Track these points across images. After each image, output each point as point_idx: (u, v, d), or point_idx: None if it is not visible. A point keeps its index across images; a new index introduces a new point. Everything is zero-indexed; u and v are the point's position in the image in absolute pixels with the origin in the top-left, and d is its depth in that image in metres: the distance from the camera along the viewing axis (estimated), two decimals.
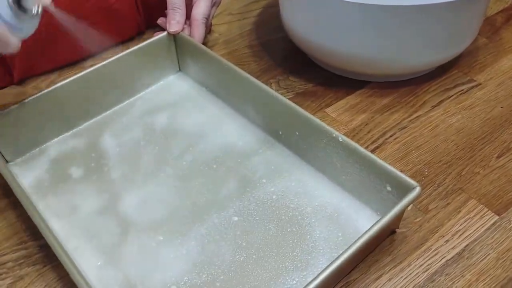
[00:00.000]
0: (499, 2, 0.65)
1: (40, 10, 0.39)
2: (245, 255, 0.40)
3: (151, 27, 0.64)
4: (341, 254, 0.34)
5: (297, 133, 0.45)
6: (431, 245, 0.40)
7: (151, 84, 0.56)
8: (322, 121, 0.50)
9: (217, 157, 0.47)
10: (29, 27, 0.41)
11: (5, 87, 0.57)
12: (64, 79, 0.49)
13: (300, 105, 0.52)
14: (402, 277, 0.38)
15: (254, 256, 0.40)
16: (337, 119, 0.51)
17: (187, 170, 0.47)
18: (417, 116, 0.50)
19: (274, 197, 0.44)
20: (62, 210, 0.44)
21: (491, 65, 0.56)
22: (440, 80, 0.54)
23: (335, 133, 0.41)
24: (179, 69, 0.57)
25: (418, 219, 0.42)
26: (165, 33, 0.54)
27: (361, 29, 0.48)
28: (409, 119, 0.50)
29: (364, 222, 0.40)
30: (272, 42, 0.62)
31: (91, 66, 0.51)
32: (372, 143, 0.48)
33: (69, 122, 0.51)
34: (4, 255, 0.42)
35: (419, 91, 0.53)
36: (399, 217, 0.39)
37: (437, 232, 0.41)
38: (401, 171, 0.45)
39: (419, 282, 0.38)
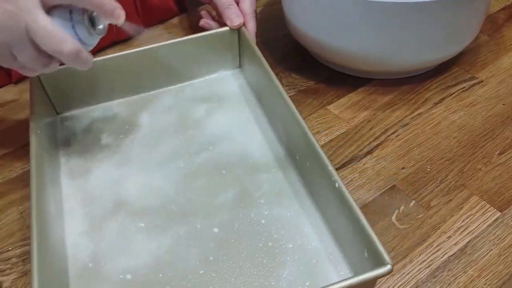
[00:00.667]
0: (501, 0, 0.65)
1: (107, 26, 0.41)
2: (206, 270, 0.39)
3: (150, 27, 0.64)
4: None
5: (308, 164, 0.43)
6: (433, 241, 0.40)
7: (205, 74, 0.56)
8: (324, 118, 0.51)
9: (229, 162, 0.47)
10: (95, 42, 0.42)
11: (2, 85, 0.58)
12: (121, 51, 0.51)
13: (302, 102, 0.53)
14: (404, 273, 0.38)
15: (213, 274, 0.39)
16: (339, 116, 0.51)
17: (196, 168, 0.47)
18: (419, 113, 0.51)
19: (263, 221, 0.42)
20: (77, 171, 0.47)
21: (493, 63, 0.56)
22: (442, 77, 0.54)
23: (335, 176, 0.38)
24: (239, 66, 0.57)
25: (420, 216, 0.42)
26: (226, 28, 0.54)
27: (363, 26, 0.48)
28: (411, 116, 0.50)
29: (337, 278, 0.38)
30: (274, 40, 0.62)
31: (148, 44, 0.52)
32: (374, 140, 0.48)
33: (118, 91, 0.53)
34: (8, 251, 0.42)
35: (421, 88, 0.53)
36: (365, 286, 0.35)
37: (439, 228, 0.41)
38: (403, 168, 0.46)
39: (421, 278, 0.38)
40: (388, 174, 0.45)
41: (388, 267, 0.33)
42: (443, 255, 0.39)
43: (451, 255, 0.39)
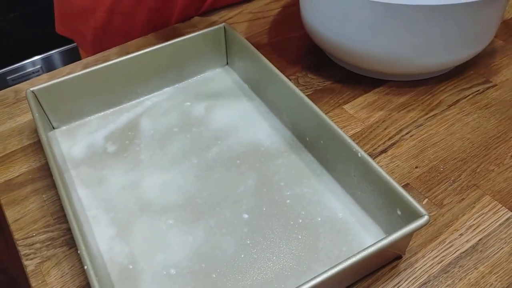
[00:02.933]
0: None
1: None
2: (246, 253, 0.41)
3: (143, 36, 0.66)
4: (333, 267, 0.34)
5: (321, 142, 0.45)
6: (446, 238, 0.41)
7: (196, 74, 0.58)
8: (340, 117, 0.52)
9: (242, 153, 0.49)
10: None
11: None
12: (114, 59, 0.52)
13: (318, 102, 0.54)
14: (417, 267, 0.39)
15: (254, 256, 0.41)
16: (354, 115, 0.52)
17: (211, 162, 0.48)
18: (433, 115, 0.52)
19: (288, 201, 0.44)
20: (91, 180, 0.47)
21: (507, 67, 0.56)
22: (457, 80, 0.55)
23: (356, 147, 0.41)
24: (227, 63, 0.59)
25: (433, 213, 0.43)
26: (217, 26, 0.56)
27: (380, 28, 0.49)
28: (426, 117, 0.51)
29: (371, 241, 0.40)
30: (291, 40, 0.63)
31: (140, 50, 0.53)
32: (389, 139, 0.49)
33: (115, 99, 0.54)
34: (32, 236, 0.43)
35: (436, 90, 0.54)
36: (404, 242, 0.39)
37: (451, 226, 0.42)
38: (417, 167, 0.47)
39: (433, 273, 0.39)
40: (402, 172, 0.46)
41: (426, 217, 0.36)
42: (455, 252, 0.40)
43: (463, 252, 0.40)
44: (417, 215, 0.37)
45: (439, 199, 0.44)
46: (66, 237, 0.43)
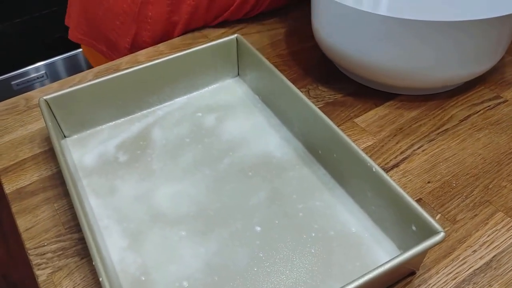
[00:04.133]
0: None
1: None
2: (259, 266, 0.41)
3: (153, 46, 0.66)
4: (349, 284, 0.34)
5: (334, 155, 0.45)
6: (459, 255, 0.41)
7: (207, 85, 0.58)
8: (351, 131, 0.52)
9: (254, 165, 0.49)
10: None
11: None
12: (126, 69, 0.52)
13: (329, 115, 0.54)
14: (430, 284, 0.39)
15: (268, 269, 0.41)
16: (366, 129, 0.52)
17: (223, 173, 0.48)
18: (445, 130, 0.52)
19: (300, 214, 0.44)
20: (102, 190, 0.47)
21: None
22: (467, 95, 0.56)
23: (370, 162, 0.41)
24: (238, 74, 0.59)
25: (446, 229, 0.43)
26: (230, 37, 0.56)
27: (391, 43, 0.49)
28: (437, 132, 0.51)
29: (385, 256, 0.40)
30: (302, 52, 0.63)
31: (152, 60, 0.53)
32: (400, 153, 0.50)
33: (126, 109, 0.54)
34: (44, 246, 0.43)
35: (447, 105, 0.54)
36: (419, 258, 0.39)
37: (464, 242, 0.42)
38: (429, 182, 0.47)
39: None
40: (414, 187, 0.46)
41: (442, 234, 0.36)
42: (469, 268, 0.40)
43: (477, 269, 0.40)
44: (432, 231, 0.37)
45: (452, 214, 0.44)
46: (77, 247, 0.43)
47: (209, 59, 0.56)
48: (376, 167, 0.41)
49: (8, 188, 0.48)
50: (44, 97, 0.49)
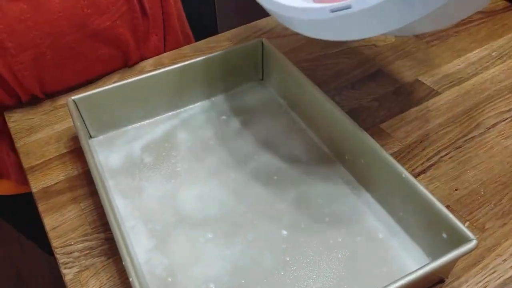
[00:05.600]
0: None
1: None
2: (286, 270, 0.41)
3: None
4: None
5: (362, 161, 0.45)
6: (489, 263, 0.40)
7: (232, 88, 0.58)
8: (377, 136, 0.52)
9: (279, 168, 0.49)
10: None
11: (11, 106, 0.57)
12: (151, 71, 0.52)
13: (355, 120, 0.54)
14: None
15: (294, 273, 0.40)
16: (391, 135, 0.52)
17: (248, 176, 0.48)
18: (472, 137, 0.51)
19: (326, 219, 0.44)
20: (128, 191, 0.47)
21: None
22: (494, 103, 0.55)
23: (400, 168, 0.41)
24: (262, 78, 0.59)
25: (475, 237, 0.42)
26: (255, 40, 0.56)
27: None
28: (464, 139, 0.51)
29: (413, 263, 0.40)
30: (326, 57, 0.63)
31: (177, 63, 0.54)
32: (427, 160, 0.49)
33: (151, 110, 0.54)
34: (71, 245, 0.44)
35: (473, 112, 0.54)
36: (449, 266, 0.39)
37: (494, 251, 0.41)
38: (457, 189, 0.46)
39: None
40: (442, 194, 0.46)
41: (474, 242, 0.36)
42: (499, 278, 0.39)
43: (507, 278, 0.39)
44: (463, 239, 0.36)
45: (481, 222, 0.43)
46: (104, 247, 0.43)
47: (234, 62, 0.56)
48: (406, 173, 0.41)
49: (35, 187, 0.49)
50: (73, 98, 0.50)
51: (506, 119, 0.53)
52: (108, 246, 0.43)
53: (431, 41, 0.64)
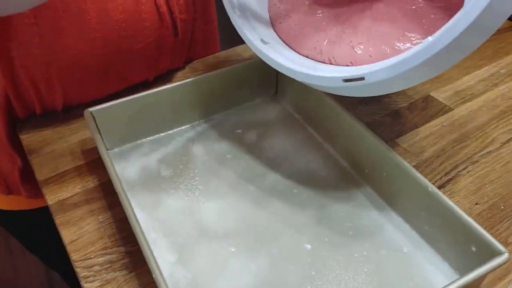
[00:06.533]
0: None
1: None
2: (312, 284, 0.40)
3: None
4: None
5: (384, 174, 0.45)
6: None
7: (245, 102, 0.58)
8: (394, 150, 0.52)
9: (298, 182, 0.48)
10: None
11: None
12: (164, 84, 0.52)
13: None
14: None
15: None
16: (408, 149, 0.52)
17: (268, 189, 0.48)
18: (488, 152, 0.52)
19: (350, 232, 0.44)
20: (146, 203, 0.47)
21: None
22: (507, 119, 0.56)
23: (426, 182, 0.41)
24: (276, 92, 0.59)
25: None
26: None
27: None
28: (480, 154, 0.52)
29: (440, 278, 0.40)
30: None
31: (190, 77, 0.53)
32: (445, 174, 0.49)
33: (166, 124, 0.54)
34: (90, 258, 0.43)
35: (487, 128, 0.55)
36: (480, 280, 0.39)
37: None
38: (477, 204, 0.47)
39: None
40: (462, 209, 0.46)
41: (506, 255, 0.36)
42: None
43: None
44: (495, 252, 0.36)
45: (503, 237, 0.44)
46: (125, 261, 0.42)
47: (247, 76, 0.56)
48: (432, 187, 0.41)
49: (50, 199, 0.48)
50: (90, 109, 0.49)
51: None
52: (130, 259, 0.42)
53: None
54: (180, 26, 0.57)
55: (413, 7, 0.42)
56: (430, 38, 0.32)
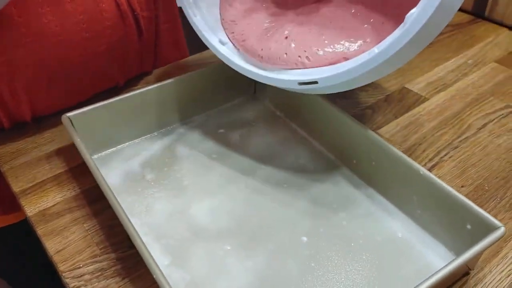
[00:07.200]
0: None
1: None
2: (313, 276, 0.40)
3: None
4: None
5: (373, 163, 0.45)
6: (507, 253, 0.41)
7: (225, 102, 0.57)
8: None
9: (287, 177, 0.48)
10: None
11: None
12: (143, 87, 0.51)
13: None
14: (486, 282, 0.39)
15: (322, 278, 0.40)
16: (390, 139, 0.53)
17: (258, 186, 0.47)
18: (466, 137, 0.53)
19: (344, 222, 0.44)
20: (134, 208, 0.45)
21: None
22: (479, 106, 0.58)
23: (417, 166, 0.41)
24: (255, 91, 0.59)
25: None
26: None
27: None
28: (459, 139, 0.53)
29: (437, 260, 0.40)
30: None
31: (171, 77, 0.52)
32: (429, 161, 0.50)
33: (147, 127, 0.53)
34: (79, 267, 0.40)
35: (462, 115, 0.56)
36: (478, 257, 0.39)
37: (510, 241, 0.42)
38: (462, 186, 0.48)
39: (504, 287, 0.39)
40: None
41: (502, 229, 0.36)
42: None
43: None
44: (491, 227, 0.37)
45: (492, 215, 0.44)
46: (117, 267, 0.41)
47: (225, 76, 0.56)
48: (424, 170, 0.41)
49: (30, 211, 0.45)
50: (67, 114, 0.47)
51: (493, 119, 0.56)
52: (122, 266, 0.41)
53: None
54: (143, 23, 0.56)
55: (353, 11, 0.45)
56: (376, 50, 0.36)
